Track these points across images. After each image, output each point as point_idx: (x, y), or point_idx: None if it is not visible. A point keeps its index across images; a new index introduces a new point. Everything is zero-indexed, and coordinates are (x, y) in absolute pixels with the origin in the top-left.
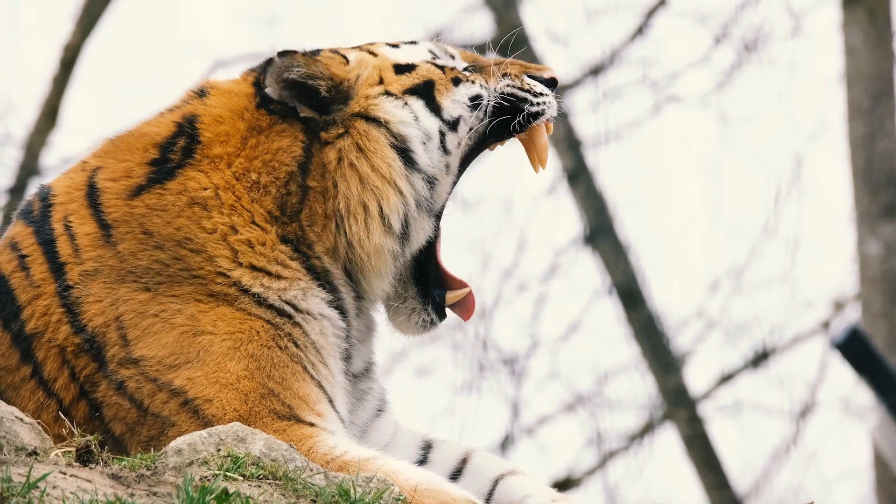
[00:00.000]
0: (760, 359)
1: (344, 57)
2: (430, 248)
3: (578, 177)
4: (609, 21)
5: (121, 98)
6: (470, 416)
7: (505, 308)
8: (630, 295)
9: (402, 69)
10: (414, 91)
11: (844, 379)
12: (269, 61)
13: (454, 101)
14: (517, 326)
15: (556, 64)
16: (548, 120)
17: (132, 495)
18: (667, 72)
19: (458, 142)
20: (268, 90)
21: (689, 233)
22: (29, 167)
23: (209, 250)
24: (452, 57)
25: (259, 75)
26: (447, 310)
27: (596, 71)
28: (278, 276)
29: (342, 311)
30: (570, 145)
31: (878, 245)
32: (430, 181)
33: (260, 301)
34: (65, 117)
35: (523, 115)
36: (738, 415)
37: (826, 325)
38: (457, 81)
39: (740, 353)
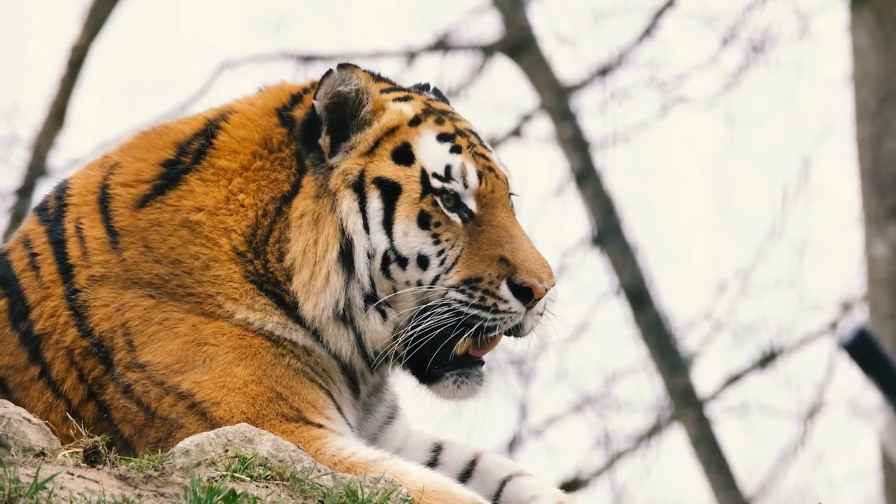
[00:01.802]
0: (768, 360)
1: (389, 103)
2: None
3: (586, 178)
4: (617, 22)
5: (128, 99)
6: (478, 418)
7: None
8: (638, 296)
9: (399, 156)
10: (382, 186)
11: (852, 380)
12: (328, 73)
13: (405, 241)
14: None
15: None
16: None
17: (140, 496)
18: (674, 73)
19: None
20: (316, 102)
21: (696, 234)
22: (36, 168)
23: (196, 276)
24: (466, 186)
25: (304, 90)
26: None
27: (603, 72)
28: (252, 309)
29: (334, 353)
30: (578, 146)
31: (885, 246)
32: (369, 296)
33: (250, 324)
34: (72, 118)
35: (470, 332)
36: (746, 416)
37: (833, 326)
38: (424, 220)
39: (748, 355)
